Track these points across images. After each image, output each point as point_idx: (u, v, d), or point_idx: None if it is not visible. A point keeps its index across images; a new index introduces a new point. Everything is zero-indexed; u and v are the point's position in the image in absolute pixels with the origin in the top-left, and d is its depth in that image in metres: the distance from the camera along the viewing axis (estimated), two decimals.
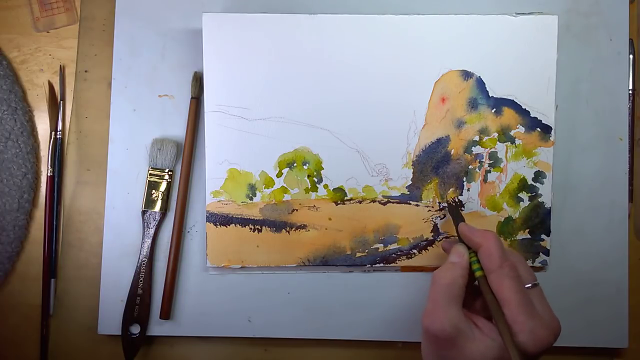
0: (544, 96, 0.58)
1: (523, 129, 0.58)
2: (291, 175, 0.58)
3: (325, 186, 0.58)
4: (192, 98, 0.59)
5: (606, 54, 0.60)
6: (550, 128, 0.58)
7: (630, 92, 0.61)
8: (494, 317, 0.42)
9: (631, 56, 0.61)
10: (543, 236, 0.58)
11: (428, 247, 0.58)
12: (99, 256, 0.59)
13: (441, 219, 0.58)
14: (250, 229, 0.58)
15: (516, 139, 0.58)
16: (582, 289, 0.59)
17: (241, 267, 0.58)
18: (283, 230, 0.58)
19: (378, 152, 0.58)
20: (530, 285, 0.45)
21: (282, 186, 0.58)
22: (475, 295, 0.48)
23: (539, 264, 0.59)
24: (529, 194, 0.58)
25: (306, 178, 0.58)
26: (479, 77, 0.58)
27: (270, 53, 0.57)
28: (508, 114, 0.58)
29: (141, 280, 0.58)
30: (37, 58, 0.62)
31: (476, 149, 0.58)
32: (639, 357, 0.60)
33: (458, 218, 0.52)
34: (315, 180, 0.58)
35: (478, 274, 0.45)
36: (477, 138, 0.58)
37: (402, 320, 0.59)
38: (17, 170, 0.59)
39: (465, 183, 0.58)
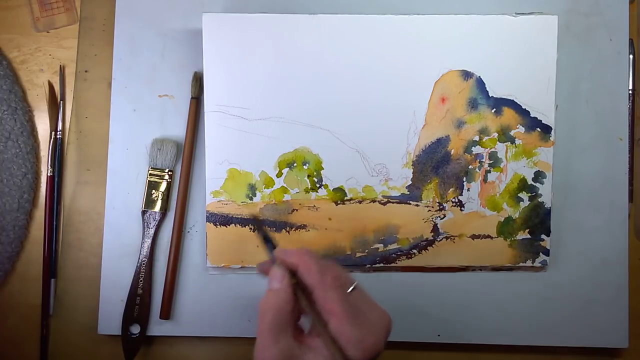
0: (544, 96, 0.58)
1: (523, 129, 0.58)
2: (291, 175, 0.58)
3: (325, 186, 0.58)
4: (192, 98, 0.59)
5: (606, 54, 0.60)
6: (550, 128, 0.58)
7: (630, 92, 0.61)
8: (320, 330, 0.42)
9: (631, 56, 0.61)
10: (543, 236, 0.58)
11: (428, 247, 0.58)
12: (99, 256, 0.59)
13: (441, 219, 0.58)
14: (250, 229, 0.58)
15: (516, 139, 0.58)
16: (582, 289, 0.59)
17: (241, 267, 0.58)
18: (283, 230, 0.58)
19: (378, 152, 0.58)
20: (352, 288, 0.44)
21: (282, 186, 0.58)
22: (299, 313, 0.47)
23: (539, 264, 0.59)
24: (529, 194, 0.58)
25: (306, 178, 0.58)
26: (479, 77, 0.58)
27: (270, 53, 0.57)
28: (508, 114, 0.58)
29: (141, 280, 0.58)
30: (37, 58, 0.62)
31: (476, 149, 0.58)
32: (639, 357, 0.60)
33: (266, 238, 0.49)
34: (315, 180, 0.58)
35: (299, 293, 0.44)
36: (477, 138, 0.58)
37: (402, 320, 0.59)
38: (17, 170, 0.59)
39: (465, 183, 0.58)
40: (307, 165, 0.58)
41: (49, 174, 0.60)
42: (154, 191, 0.59)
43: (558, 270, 0.59)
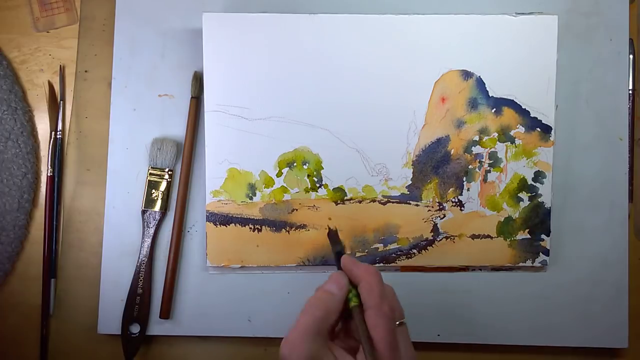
0: (544, 96, 0.58)
1: (523, 129, 0.58)
2: (291, 175, 0.58)
3: (325, 186, 0.58)
4: (192, 98, 0.59)
5: (606, 54, 0.60)
6: (550, 128, 0.58)
7: (630, 92, 0.61)
8: (365, 350, 0.41)
9: (631, 56, 0.61)
10: (543, 236, 0.58)
11: (428, 247, 0.58)
12: (99, 256, 0.59)
13: (441, 219, 0.58)
14: (250, 228, 0.58)
15: (516, 139, 0.58)
16: (582, 289, 0.59)
17: (241, 267, 0.58)
18: (283, 230, 0.58)
19: (378, 152, 0.58)
20: (398, 323, 0.43)
21: (282, 186, 0.58)
22: (340, 322, 0.46)
23: (539, 264, 0.59)
24: (529, 194, 0.58)
25: (306, 178, 0.58)
26: (479, 77, 0.58)
27: (270, 53, 0.57)
28: (508, 114, 0.58)
29: (141, 280, 0.58)
30: (37, 58, 0.62)
31: (476, 149, 0.58)
32: (639, 357, 0.60)
33: (338, 245, 0.48)
34: (315, 180, 0.58)
35: (354, 302, 0.43)
36: (477, 138, 0.58)
37: None
38: (17, 170, 0.59)
39: (465, 183, 0.58)
40: (307, 165, 0.58)
41: (49, 174, 0.60)
42: (154, 191, 0.59)
43: (558, 270, 0.59)
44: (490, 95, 0.58)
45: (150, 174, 0.59)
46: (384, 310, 0.42)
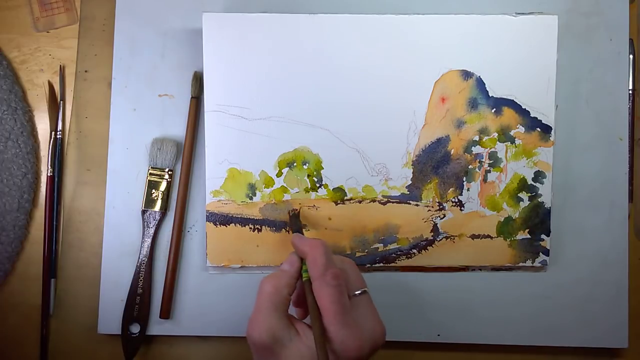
0: (544, 96, 0.58)
1: (523, 129, 0.58)
2: (291, 175, 0.58)
3: (325, 186, 0.58)
4: (192, 98, 0.59)
5: (606, 54, 0.60)
6: (550, 128, 0.58)
7: (630, 92, 0.61)
8: (311, 319, 0.43)
9: (631, 56, 0.61)
10: (543, 236, 0.58)
11: (428, 247, 0.58)
12: (99, 256, 0.59)
13: (441, 219, 0.58)
14: (250, 228, 0.58)
15: (516, 139, 0.58)
16: (582, 289, 0.59)
17: (241, 267, 0.58)
18: (283, 229, 0.58)
19: (378, 152, 0.58)
20: (359, 292, 0.45)
21: (282, 186, 0.58)
22: (299, 296, 0.49)
23: (539, 264, 0.59)
24: (529, 194, 0.58)
25: (306, 178, 0.58)
26: (479, 77, 0.58)
27: (270, 53, 0.57)
28: (508, 114, 0.58)
29: (141, 280, 0.58)
30: (37, 58, 0.62)
31: (476, 149, 0.58)
32: (639, 357, 0.60)
33: (295, 228, 0.53)
34: (315, 180, 0.58)
35: (304, 277, 0.46)
36: (477, 138, 0.58)
37: (402, 320, 0.59)
38: (17, 170, 0.59)
39: (465, 183, 0.58)
40: (307, 164, 0.58)
41: (49, 174, 0.60)
42: (154, 191, 0.59)
43: (558, 270, 0.59)
44: (490, 95, 0.58)
45: (150, 174, 0.59)
46: (327, 279, 0.44)
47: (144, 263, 0.58)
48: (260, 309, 0.44)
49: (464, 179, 0.58)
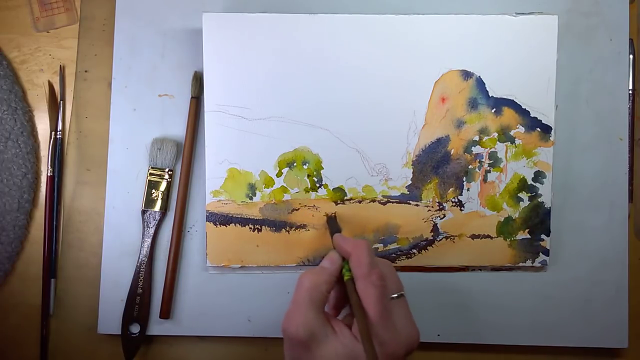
0: (544, 96, 0.58)
1: (523, 129, 0.58)
2: (291, 175, 0.58)
3: (325, 186, 0.58)
4: (192, 98, 0.59)
5: (606, 54, 0.60)
6: (550, 128, 0.58)
7: (630, 92, 0.61)
8: (356, 317, 0.43)
9: (631, 56, 0.61)
10: (543, 236, 0.58)
11: (428, 247, 0.58)
12: (99, 256, 0.59)
13: (441, 219, 0.58)
14: (250, 228, 0.58)
15: (516, 139, 0.58)
16: (582, 289, 0.59)
17: (241, 267, 0.58)
18: (283, 230, 0.58)
19: (378, 152, 0.58)
20: (396, 295, 0.45)
21: (282, 186, 0.58)
22: (343, 300, 0.49)
23: (539, 264, 0.59)
24: (529, 194, 0.58)
25: (306, 178, 0.58)
26: (479, 77, 0.58)
27: (270, 53, 0.57)
28: (508, 114, 0.58)
29: (141, 280, 0.58)
30: (37, 58, 0.62)
31: (476, 149, 0.58)
32: (639, 357, 0.60)
33: (335, 229, 0.53)
34: (315, 180, 0.58)
35: (347, 276, 0.46)
36: (477, 138, 0.58)
37: None
38: (17, 170, 0.59)
39: (465, 183, 0.58)
40: (307, 165, 0.58)
41: (49, 174, 0.60)
42: (154, 191, 0.59)
43: (558, 270, 0.59)
44: (490, 95, 0.58)
45: (150, 174, 0.59)
46: (372, 279, 0.44)
47: (144, 263, 0.58)
48: (298, 304, 0.44)
49: (464, 179, 0.58)
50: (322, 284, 0.45)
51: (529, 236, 0.58)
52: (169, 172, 0.59)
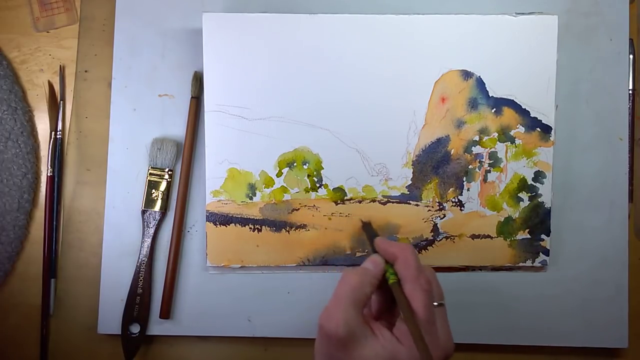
0: (544, 96, 0.58)
1: (523, 129, 0.58)
2: (291, 175, 0.58)
3: (325, 186, 0.58)
4: (192, 98, 0.59)
5: (606, 54, 0.60)
6: (550, 128, 0.58)
7: (630, 92, 0.61)
8: (405, 319, 0.42)
9: (631, 56, 0.61)
10: (543, 236, 0.58)
11: (428, 247, 0.58)
12: (99, 256, 0.59)
13: (441, 219, 0.58)
14: (250, 228, 0.58)
15: (516, 139, 0.58)
16: (581, 289, 0.59)
17: (241, 267, 0.58)
18: (283, 230, 0.58)
19: (378, 152, 0.58)
20: (436, 304, 0.44)
21: (282, 186, 0.58)
22: (382, 305, 0.47)
23: (539, 264, 0.59)
24: (529, 194, 0.58)
25: (306, 178, 0.58)
26: (479, 77, 0.58)
27: (270, 53, 0.57)
28: (508, 114, 0.58)
29: (141, 280, 0.58)
30: (37, 58, 0.62)
31: (476, 149, 0.58)
32: (639, 357, 0.60)
33: (374, 234, 0.51)
34: (315, 180, 0.58)
35: (392, 279, 0.45)
36: (477, 138, 0.58)
37: None
38: (17, 170, 0.59)
39: (465, 183, 0.58)
40: (307, 165, 0.58)
41: (49, 174, 0.60)
42: (154, 191, 0.59)
43: (558, 270, 0.59)
44: (490, 95, 0.58)
45: (150, 174, 0.59)
46: (421, 282, 0.43)
47: (144, 263, 0.58)
48: (340, 301, 0.43)
49: (464, 179, 0.58)
50: (366, 284, 0.44)
51: (529, 236, 0.58)
52: (169, 172, 0.59)
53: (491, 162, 0.58)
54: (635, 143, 0.61)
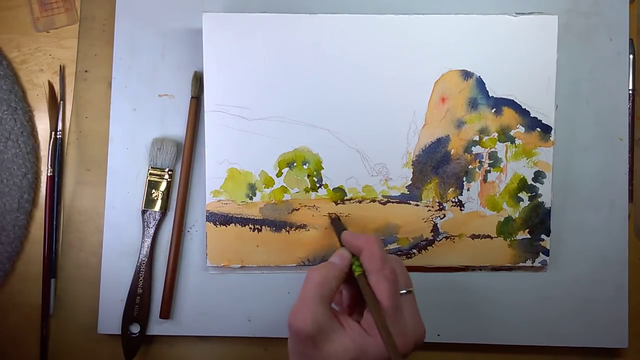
0: (544, 96, 0.58)
1: (523, 129, 0.58)
2: (291, 174, 0.58)
3: (325, 186, 0.58)
4: (192, 98, 0.59)
5: (606, 54, 0.60)
6: (550, 128, 0.58)
7: (630, 92, 0.61)
8: (371, 310, 0.43)
9: (631, 56, 0.61)
10: (543, 236, 0.58)
11: (428, 247, 0.58)
12: (99, 256, 0.59)
13: (441, 219, 0.58)
14: (250, 228, 0.58)
15: (516, 139, 0.58)
16: (581, 289, 0.59)
17: (241, 267, 0.58)
18: (283, 230, 0.58)
19: (378, 152, 0.58)
20: (405, 291, 0.45)
21: (282, 186, 0.58)
22: (353, 299, 0.48)
23: (539, 264, 0.59)
24: (529, 194, 0.58)
25: (306, 178, 0.58)
26: (479, 77, 0.58)
27: (270, 53, 0.57)
28: (508, 113, 0.58)
29: (141, 280, 0.58)
30: (37, 58, 0.62)
31: (476, 149, 0.58)
32: (639, 357, 0.60)
33: (340, 228, 0.53)
34: (315, 180, 0.58)
35: (358, 271, 0.45)
36: (477, 138, 0.58)
37: None
38: (17, 170, 0.59)
39: (465, 183, 0.58)
40: (307, 164, 0.58)
41: (49, 174, 0.60)
42: (154, 191, 0.59)
43: (558, 270, 0.59)
44: (490, 95, 0.58)
45: (150, 174, 0.59)
46: (385, 273, 0.44)
47: (144, 263, 0.58)
48: (306, 299, 0.43)
49: (464, 179, 0.58)
50: (331, 279, 0.45)
51: (529, 236, 0.58)
52: (169, 172, 0.59)
53: (491, 162, 0.58)
54: (635, 143, 0.61)
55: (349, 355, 0.42)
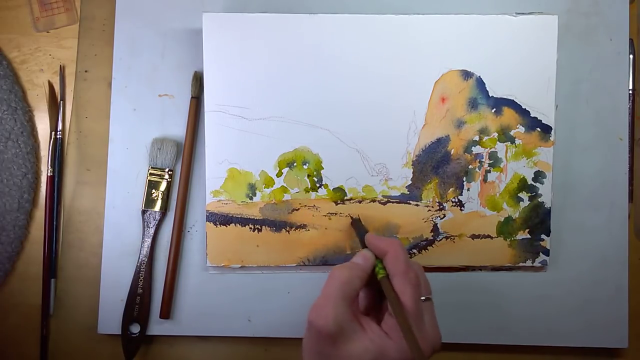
0: (544, 96, 0.58)
1: (523, 129, 0.58)
2: (291, 174, 0.58)
3: (325, 186, 0.58)
4: (192, 98, 0.59)
5: (606, 54, 0.60)
6: (550, 128, 0.58)
7: (630, 92, 0.61)
8: (395, 312, 0.42)
9: (631, 56, 0.61)
10: (543, 236, 0.58)
11: (428, 247, 0.58)
12: (99, 256, 0.59)
13: (441, 219, 0.58)
14: (250, 228, 0.58)
15: (516, 139, 0.58)
16: (581, 289, 0.59)
17: (241, 267, 0.58)
18: (283, 230, 0.58)
19: (378, 152, 0.58)
20: (424, 298, 0.45)
21: (282, 186, 0.58)
22: (370, 301, 0.48)
23: (539, 264, 0.59)
24: (529, 194, 0.58)
25: (306, 178, 0.58)
26: (479, 77, 0.58)
27: (270, 53, 0.57)
28: (508, 113, 0.58)
29: (141, 280, 0.58)
30: (37, 58, 0.62)
31: (476, 149, 0.58)
32: (639, 357, 0.60)
33: (363, 230, 0.52)
34: (315, 180, 0.58)
35: (382, 274, 0.45)
36: (477, 138, 0.58)
37: None
38: (17, 170, 0.59)
39: (465, 183, 0.58)
40: (307, 164, 0.58)
41: (49, 174, 0.60)
42: (154, 191, 0.59)
43: (558, 270, 0.59)
44: (490, 95, 0.58)
45: (150, 174, 0.59)
46: (410, 276, 0.43)
47: (144, 263, 0.58)
48: (329, 296, 0.43)
49: (464, 179, 0.58)
50: (355, 279, 0.44)
51: (529, 236, 0.58)
52: (169, 172, 0.59)
53: (491, 162, 0.58)
54: (635, 143, 0.61)
55: (369, 356, 0.42)
